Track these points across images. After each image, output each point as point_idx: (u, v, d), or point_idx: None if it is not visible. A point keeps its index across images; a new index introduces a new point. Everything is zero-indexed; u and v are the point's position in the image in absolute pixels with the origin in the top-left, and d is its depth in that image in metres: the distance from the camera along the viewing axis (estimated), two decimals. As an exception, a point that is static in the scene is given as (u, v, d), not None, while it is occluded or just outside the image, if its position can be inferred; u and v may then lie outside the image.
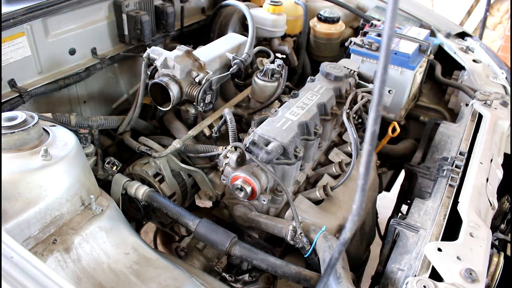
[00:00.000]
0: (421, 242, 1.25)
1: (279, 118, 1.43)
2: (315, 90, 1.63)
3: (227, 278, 1.44)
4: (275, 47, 2.33)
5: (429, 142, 1.91)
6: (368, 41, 1.99)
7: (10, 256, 0.83)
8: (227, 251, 1.27)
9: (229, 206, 1.50)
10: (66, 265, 1.07)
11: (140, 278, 1.10)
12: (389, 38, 0.61)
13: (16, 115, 1.19)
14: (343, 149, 1.78)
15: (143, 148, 1.57)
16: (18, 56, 1.61)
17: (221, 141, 1.67)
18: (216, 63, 1.80)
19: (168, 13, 2.06)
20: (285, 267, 1.23)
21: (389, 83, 1.99)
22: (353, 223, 0.75)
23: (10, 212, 1.04)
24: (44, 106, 1.77)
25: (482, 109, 1.78)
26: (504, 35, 4.56)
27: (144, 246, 1.21)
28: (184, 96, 1.65)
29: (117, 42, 2.01)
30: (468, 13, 4.72)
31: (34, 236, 1.08)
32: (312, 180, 1.67)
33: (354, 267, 1.47)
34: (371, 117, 0.66)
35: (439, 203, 1.37)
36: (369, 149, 0.67)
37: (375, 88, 0.65)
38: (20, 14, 1.55)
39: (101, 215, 1.21)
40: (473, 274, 1.01)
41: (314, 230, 1.31)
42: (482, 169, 1.44)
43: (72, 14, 1.77)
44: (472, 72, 2.11)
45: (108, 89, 2.07)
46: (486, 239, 1.14)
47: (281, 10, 2.21)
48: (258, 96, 1.74)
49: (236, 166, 1.33)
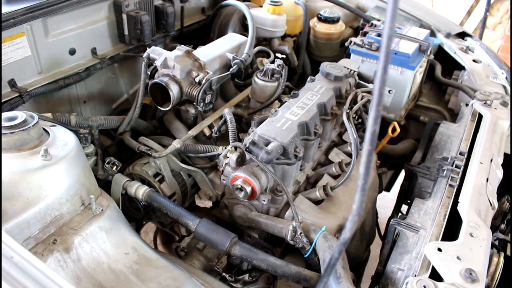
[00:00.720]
0: (421, 242, 1.25)
1: (279, 118, 1.43)
2: (315, 90, 1.63)
3: (227, 278, 1.44)
4: (275, 47, 2.33)
5: (429, 142, 1.91)
6: (368, 41, 2.00)
7: (10, 256, 0.83)
8: (227, 251, 1.27)
9: (229, 206, 1.50)
10: (66, 265, 1.07)
11: (140, 278, 1.10)
12: (389, 38, 0.61)
13: (16, 115, 1.19)
14: (343, 149, 1.78)
15: (143, 148, 1.57)
16: (18, 56, 1.61)
17: (221, 141, 1.68)
18: (216, 63, 1.80)
19: (168, 13, 2.06)
20: (285, 267, 1.23)
21: (389, 83, 1.99)
22: (353, 223, 0.75)
23: (10, 212, 1.04)
24: (44, 106, 1.77)
25: (482, 109, 1.78)
26: (504, 35, 4.56)
27: (144, 246, 1.21)
28: (184, 96, 1.65)
29: (117, 42, 2.01)
30: (468, 13, 4.72)
31: (34, 236, 1.08)
32: (312, 180, 1.67)
33: (354, 267, 1.47)
34: (371, 117, 0.66)
35: (439, 203, 1.37)
36: (369, 149, 0.67)
37: (375, 88, 0.65)
38: (20, 14, 1.55)
39: (101, 215, 1.20)
40: (473, 274, 1.01)
41: (314, 230, 1.31)
42: (482, 169, 1.44)
43: (72, 14, 1.77)
44: (472, 72, 2.11)
45: (108, 89, 2.07)
46: (486, 239, 1.14)
47: (281, 10, 2.21)
48: (258, 96, 1.74)
49: (236, 166, 1.33)
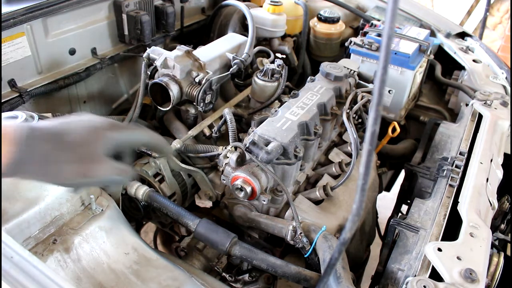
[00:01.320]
0: (421, 242, 1.24)
1: (279, 118, 1.43)
2: (315, 90, 1.63)
3: (227, 278, 1.44)
4: (275, 47, 2.33)
5: (429, 142, 1.91)
6: (368, 41, 1.99)
7: (10, 256, 0.83)
8: (227, 251, 1.27)
9: (229, 206, 1.50)
10: (66, 265, 1.07)
11: (140, 278, 1.10)
12: (389, 38, 0.61)
13: (16, 115, 1.19)
14: (343, 149, 1.78)
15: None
16: (18, 56, 1.61)
17: (221, 141, 1.67)
18: (216, 63, 1.80)
19: (168, 13, 2.06)
20: (285, 267, 1.23)
21: (389, 83, 1.99)
22: (353, 223, 0.75)
23: (10, 212, 1.04)
24: (44, 106, 1.77)
25: (482, 109, 1.78)
26: (504, 35, 4.56)
27: (144, 246, 1.20)
28: (184, 96, 1.65)
29: (117, 42, 2.01)
30: (468, 13, 4.72)
31: (34, 236, 1.08)
32: (312, 180, 1.67)
33: (354, 267, 1.47)
34: (371, 117, 0.66)
35: (439, 203, 1.37)
36: (369, 149, 0.67)
37: (375, 88, 0.65)
38: (20, 14, 1.55)
39: (101, 215, 1.20)
40: (473, 274, 1.01)
41: (314, 230, 1.31)
42: (482, 169, 1.44)
43: (72, 14, 1.77)
44: (472, 72, 2.11)
45: (108, 89, 2.08)
46: (486, 239, 1.14)
47: (281, 10, 2.21)
48: (258, 96, 1.74)
49: (236, 166, 1.33)
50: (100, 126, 0.85)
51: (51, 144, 0.80)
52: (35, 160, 0.78)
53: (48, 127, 0.81)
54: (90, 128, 0.84)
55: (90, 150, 0.83)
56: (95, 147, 0.83)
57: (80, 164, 0.82)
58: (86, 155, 0.82)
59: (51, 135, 0.81)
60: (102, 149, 0.84)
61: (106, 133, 0.85)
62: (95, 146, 0.83)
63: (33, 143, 0.78)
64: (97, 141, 0.83)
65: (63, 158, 0.81)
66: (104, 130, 0.85)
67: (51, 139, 0.80)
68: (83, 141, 0.82)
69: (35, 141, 0.78)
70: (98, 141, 0.84)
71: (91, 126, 0.85)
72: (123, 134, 0.89)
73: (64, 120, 0.85)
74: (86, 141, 0.83)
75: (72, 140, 0.82)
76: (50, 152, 0.79)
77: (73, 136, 0.82)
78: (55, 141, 0.81)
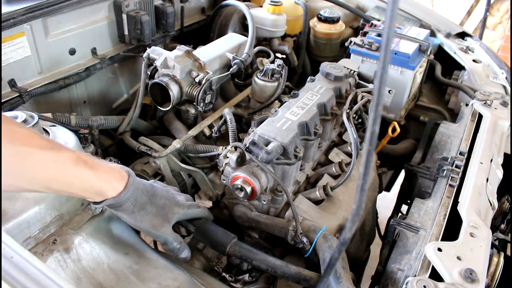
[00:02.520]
0: (421, 242, 1.24)
1: (279, 118, 1.43)
2: (315, 90, 1.63)
3: (227, 278, 1.43)
4: (275, 47, 2.33)
5: (429, 142, 1.91)
6: (368, 41, 1.99)
7: (10, 256, 0.83)
8: (227, 252, 1.27)
9: (229, 206, 1.50)
10: (66, 265, 1.07)
11: (140, 278, 1.10)
12: (389, 38, 0.61)
13: (16, 115, 1.19)
14: (343, 149, 1.78)
15: (143, 148, 1.57)
16: (18, 56, 1.61)
17: (221, 141, 1.68)
18: (216, 63, 1.81)
19: (168, 13, 2.06)
20: (285, 267, 1.23)
21: (389, 83, 1.99)
22: (353, 223, 0.75)
23: (10, 212, 1.04)
24: (44, 106, 1.77)
25: (482, 109, 1.78)
26: (504, 35, 4.56)
27: (144, 246, 1.20)
28: (184, 96, 1.65)
29: (117, 42, 2.01)
30: (468, 13, 4.72)
31: (34, 236, 1.08)
32: (312, 180, 1.67)
33: (354, 267, 1.47)
34: (371, 117, 0.66)
35: (439, 203, 1.37)
36: (369, 149, 0.67)
37: (375, 88, 0.65)
38: (20, 14, 1.55)
39: (101, 215, 1.20)
40: (473, 274, 1.01)
41: (314, 230, 1.31)
42: (482, 169, 1.44)
43: (72, 14, 1.77)
44: (472, 72, 2.11)
45: (108, 89, 2.07)
46: (486, 239, 1.14)
47: (281, 10, 2.21)
48: (258, 96, 1.74)
49: (236, 166, 1.33)
50: (176, 203, 1.19)
51: (147, 197, 1.11)
52: (134, 204, 1.08)
53: (144, 184, 1.13)
54: (172, 201, 1.19)
55: (167, 214, 1.16)
56: (171, 215, 1.17)
57: (157, 220, 1.13)
58: (163, 217, 1.14)
59: (147, 191, 1.12)
60: (172, 218, 1.17)
61: (180, 210, 1.19)
62: (171, 214, 1.17)
63: (136, 192, 1.08)
64: (173, 211, 1.17)
65: (150, 211, 1.12)
66: (179, 207, 1.19)
67: (147, 194, 1.12)
68: (166, 206, 1.16)
69: (138, 191, 1.09)
70: (173, 211, 1.18)
71: (173, 200, 1.19)
72: (188, 212, 1.23)
73: (153, 184, 1.19)
74: (167, 207, 1.16)
75: (160, 203, 1.15)
76: (145, 203, 1.11)
77: (160, 200, 1.15)
78: (148, 197, 1.12)
